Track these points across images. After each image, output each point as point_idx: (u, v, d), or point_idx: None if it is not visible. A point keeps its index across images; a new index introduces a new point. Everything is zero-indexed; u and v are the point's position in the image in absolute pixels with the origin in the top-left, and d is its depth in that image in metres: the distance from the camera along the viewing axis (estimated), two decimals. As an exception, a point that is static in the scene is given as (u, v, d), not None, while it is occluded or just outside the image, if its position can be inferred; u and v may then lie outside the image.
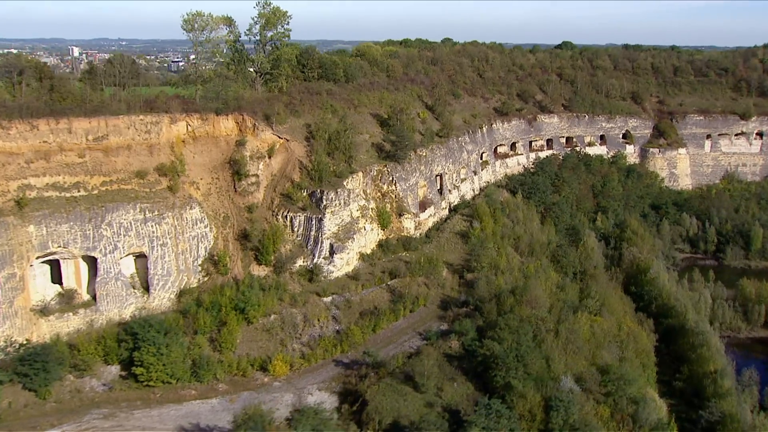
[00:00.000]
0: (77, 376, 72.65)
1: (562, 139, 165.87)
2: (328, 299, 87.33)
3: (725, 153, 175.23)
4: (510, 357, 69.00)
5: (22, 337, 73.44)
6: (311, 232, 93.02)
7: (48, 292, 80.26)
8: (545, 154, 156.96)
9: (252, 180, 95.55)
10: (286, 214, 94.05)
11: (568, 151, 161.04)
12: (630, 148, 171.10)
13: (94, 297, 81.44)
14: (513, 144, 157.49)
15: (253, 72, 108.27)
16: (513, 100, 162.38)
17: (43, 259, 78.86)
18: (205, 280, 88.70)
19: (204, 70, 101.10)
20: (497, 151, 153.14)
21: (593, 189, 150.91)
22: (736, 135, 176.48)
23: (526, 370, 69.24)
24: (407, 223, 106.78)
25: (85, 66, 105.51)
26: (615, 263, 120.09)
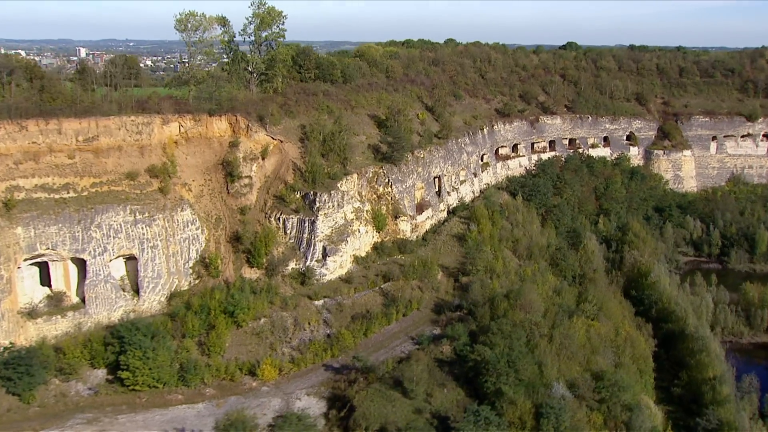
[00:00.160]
0: (63, 380, 71.88)
1: (564, 141, 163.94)
2: (319, 302, 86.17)
3: (731, 155, 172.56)
4: (501, 362, 67.67)
5: (8, 340, 72.66)
6: (304, 235, 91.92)
7: (36, 294, 79.58)
8: (547, 156, 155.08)
9: (245, 182, 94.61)
10: (279, 216, 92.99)
11: (571, 152, 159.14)
12: (634, 150, 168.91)
13: (83, 300, 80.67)
14: (515, 146, 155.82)
15: (247, 73, 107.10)
16: (515, 101, 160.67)
17: (32, 261, 78.13)
18: (196, 282, 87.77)
19: (197, 70, 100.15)
20: (498, 152, 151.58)
21: (596, 191, 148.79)
22: (742, 137, 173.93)
23: (518, 375, 67.89)
24: (403, 226, 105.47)
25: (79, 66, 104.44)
26: (616, 267, 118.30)
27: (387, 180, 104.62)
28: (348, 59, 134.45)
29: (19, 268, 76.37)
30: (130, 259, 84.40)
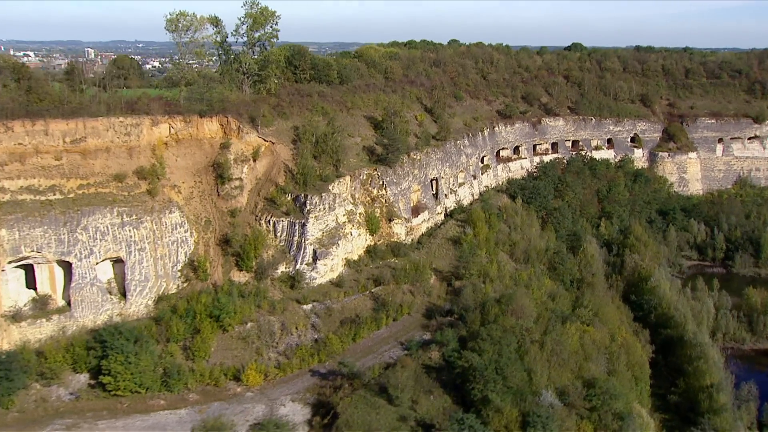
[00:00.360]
0: (44, 384, 70.82)
1: (567, 143, 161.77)
2: (308, 307, 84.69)
3: (738, 157, 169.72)
4: (489, 369, 65.92)
5: (-10, 343, 71.86)
6: (294, 238, 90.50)
7: (21, 297, 78.49)
8: (549, 158, 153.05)
9: (236, 184, 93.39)
10: (269, 218, 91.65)
11: (574, 155, 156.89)
12: (638, 152, 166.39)
13: (69, 303, 79.58)
14: (516, 147, 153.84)
15: (240, 74, 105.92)
16: (517, 102, 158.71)
17: (16, 263, 77.20)
18: (185, 286, 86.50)
19: (188, 71, 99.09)
20: (499, 154, 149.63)
21: (598, 194, 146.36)
22: (749, 139, 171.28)
23: (506, 383, 66.05)
24: (398, 229, 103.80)
25: (67, 66, 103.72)
26: (616, 271, 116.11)
27: (381, 182, 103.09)
28: (346, 60, 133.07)
29: (3, 270, 75.43)
30: (118, 261, 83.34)
